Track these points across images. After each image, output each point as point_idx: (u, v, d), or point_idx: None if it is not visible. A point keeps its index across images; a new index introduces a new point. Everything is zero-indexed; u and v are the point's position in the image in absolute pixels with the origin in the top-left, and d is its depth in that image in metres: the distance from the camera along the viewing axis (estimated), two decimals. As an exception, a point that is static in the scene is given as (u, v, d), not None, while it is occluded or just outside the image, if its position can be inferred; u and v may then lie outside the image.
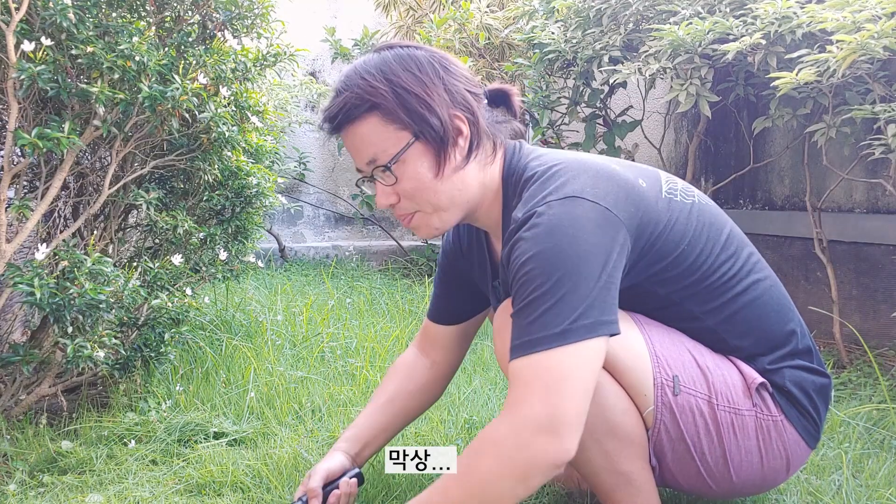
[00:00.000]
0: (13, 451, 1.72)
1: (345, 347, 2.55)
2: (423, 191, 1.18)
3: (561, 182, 1.12)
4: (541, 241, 1.07)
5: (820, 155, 2.45)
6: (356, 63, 1.20)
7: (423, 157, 1.16)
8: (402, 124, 1.14)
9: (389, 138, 1.15)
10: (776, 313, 1.26)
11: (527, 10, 3.14)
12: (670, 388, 1.18)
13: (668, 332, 1.23)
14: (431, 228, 1.23)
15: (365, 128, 1.16)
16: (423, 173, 1.16)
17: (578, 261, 1.05)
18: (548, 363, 1.03)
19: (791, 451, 1.25)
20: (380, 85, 1.14)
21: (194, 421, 1.86)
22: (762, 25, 2.15)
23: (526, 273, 1.07)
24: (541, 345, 1.04)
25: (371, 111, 1.15)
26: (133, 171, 1.95)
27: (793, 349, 1.26)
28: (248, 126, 2.11)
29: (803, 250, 2.91)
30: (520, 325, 1.07)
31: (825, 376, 1.29)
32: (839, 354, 2.44)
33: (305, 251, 4.84)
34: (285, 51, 2.16)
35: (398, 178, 1.17)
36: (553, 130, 3.09)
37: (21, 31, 1.56)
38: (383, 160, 1.16)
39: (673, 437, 1.19)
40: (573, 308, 1.04)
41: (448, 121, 1.16)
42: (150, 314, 2.00)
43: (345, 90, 1.17)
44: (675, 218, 1.19)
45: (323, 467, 1.37)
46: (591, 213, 1.08)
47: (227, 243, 2.24)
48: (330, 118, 1.18)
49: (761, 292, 1.24)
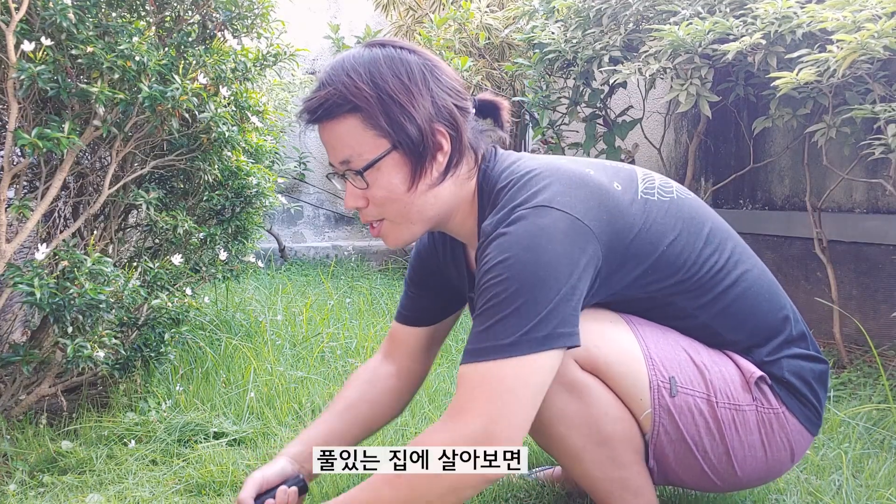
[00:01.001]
0: (13, 451, 1.72)
1: (345, 347, 2.55)
2: (393, 202, 1.15)
3: (533, 191, 1.10)
4: (505, 250, 1.06)
5: (820, 155, 2.45)
6: (345, 56, 1.15)
7: (398, 169, 1.13)
8: (382, 132, 1.11)
9: (367, 143, 1.12)
10: (767, 302, 1.25)
11: (527, 10, 3.13)
12: (667, 390, 1.17)
13: (662, 332, 1.22)
14: (399, 240, 1.20)
15: (343, 127, 1.12)
16: (395, 185, 1.13)
17: (540, 271, 1.03)
18: (493, 374, 1.02)
19: (794, 441, 1.25)
20: (365, 87, 1.10)
21: (194, 421, 1.86)
22: (762, 25, 2.15)
23: (488, 281, 1.06)
24: (489, 354, 1.03)
25: (352, 112, 1.11)
26: (133, 171, 1.95)
27: (788, 336, 1.25)
28: (248, 126, 2.11)
29: (803, 250, 2.91)
30: (475, 331, 1.06)
31: (822, 361, 1.28)
32: (839, 354, 2.44)
33: (305, 251, 4.84)
34: (285, 51, 2.16)
35: (369, 184, 1.14)
36: (553, 130, 3.09)
37: (21, 31, 1.56)
38: (357, 164, 1.13)
39: (673, 438, 1.18)
40: (527, 319, 1.02)
41: (430, 135, 1.12)
42: (150, 314, 2.00)
43: (328, 84, 1.12)
44: (653, 219, 1.17)
45: (258, 475, 1.28)
46: (560, 223, 1.07)
47: (227, 243, 2.24)
48: (309, 111, 1.14)
49: (751, 282, 1.23)
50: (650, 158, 3.65)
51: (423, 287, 1.44)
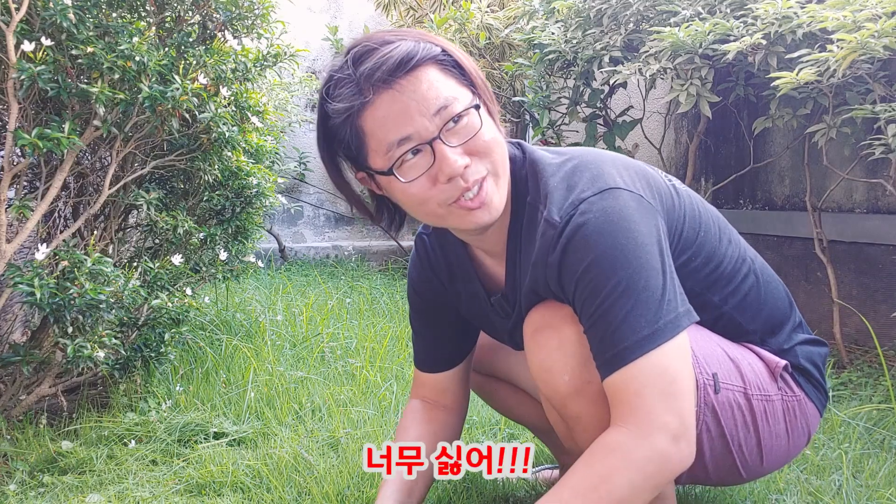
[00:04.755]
0: (13, 451, 1.72)
1: (345, 347, 2.55)
2: (499, 144, 1.06)
3: (589, 176, 1.06)
4: (594, 243, 1.00)
5: (820, 155, 2.45)
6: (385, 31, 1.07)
7: (485, 115, 1.05)
8: (462, 81, 1.04)
9: (456, 88, 1.03)
10: (776, 289, 1.25)
11: (527, 10, 3.14)
12: (712, 388, 1.14)
13: (696, 328, 1.17)
14: (501, 201, 1.07)
15: (432, 73, 1.01)
16: (493, 128, 1.06)
17: (641, 254, 1.00)
18: (652, 368, 0.98)
19: (811, 425, 1.25)
20: (433, 42, 1.03)
21: (194, 421, 1.86)
22: (762, 25, 2.15)
23: (590, 282, 1.00)
24: (636, 351, 0.98)
25: (438, 60, 1.02)
26: (133, 171, 1.95)
27: (794, 323, 1.26)
28: (249, 126, 2.11)
29: (803, 250, 2.91)
30: (602, 336, 1.00)
31: (824, 344, 1.30)
32: (839, 354, 2.44)
33: (305, 251, 4.84)
34: (285, 51, 2.16)
35: (483, 122, 1.03)
36: (553, 130, 3.09)
37: (21, 31, 1.56)
38: (465, 103, 1.02)
39: (714, 435, 1.15)
40: (654, 306, 0.99)
41: (486, 91, 1.08)
42: (150, 314, 2.00)
43: (398, 41, 1.02)
44: (685, 203, 1.15)
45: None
46: (633, 203, 1.03)
47: (228, 243, 2.24)
48: (400, 61, 0.99)
49: (759, 270, 1.24)
50: (650, 158, 3.65)
51: (435, 326, 1.34)
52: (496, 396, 1.52)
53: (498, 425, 1.85)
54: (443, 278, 1.29)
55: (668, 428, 0.97)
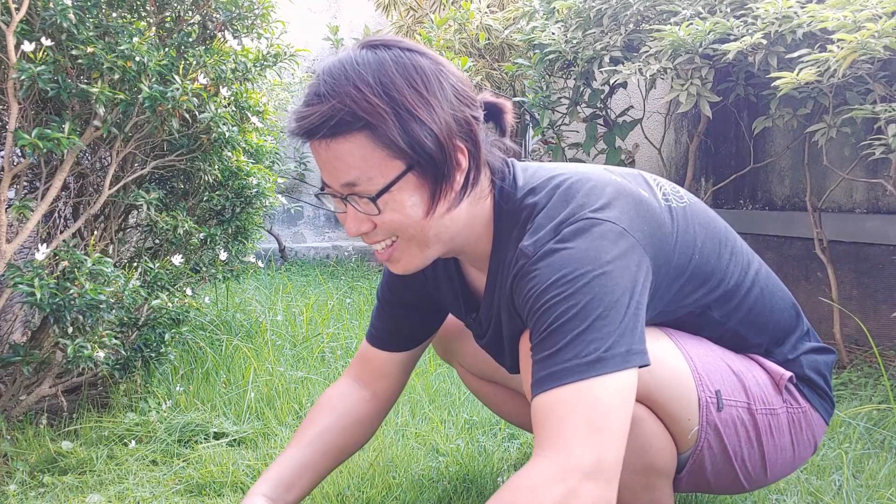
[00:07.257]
0: (13, 451, 1.72)
1: (345, 347, 2.55)
2: (407, 227, 1.00)
3: (575, 205, 1.01)
4: (561, 266, 0.95)
5: (820, 155, 2.45)
6: (346, 61, 0.97)
7: (414, 192, 0.98)
8: (396, 151, 0.95)
9: (378, 164, 0.95)
10: (781, 299, 1.23)
11: (527, 11, 3.14)
12: (714, 406, 1.12)
13: (699, 343, 1.17)
14: (411, 265, 1.06)
15: (348, 146, 0.95)
16: (410, 209, 0.99)
17: (608, 285, 0.94)
18: (586, 395, 0.90)
19: (817, 435, 1.24)
20: (379, 102, 0.93)
21: (194, 421, 1.86)
22: (763, 25, 2.15)
23: (548, 301, 0.95)
24: (574, 374, 0.91)
25: (361, 130, 0.94)
26: (133, 171, 1.95)
27: (801, 332, 1.24)
28: (249, 126, 2.11)
29: (803, 250, 2.91)
30: (545, 355, 0.94)
31: (830, 352, 1.27)
32: (839, 354, 2.44)
33: (305, 251, 4.84)
34: (285, 51, 2.16)
35: (381, 210, 0.98)
36: (553, 131, 3.09)
37: (21, 31, 1.56)
38: (366, 188, 0.97)
39: (716, 452, 1.14)
40: (606, 334, 0.92)
41: (450, 151, 0.98)
42: (150, 314, 2.00)
43: (331, 97, 0.94)
44: (679, 227, 1.10)
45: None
46: (611, 235, 0.98)
47: (228, 243, 2.24)
48: (309, 129, 0.96)
49: (764, 280, 1.21)
50: (650, 158, 3.66)
51: (404, 307, 1.30)
52: (494, 401, 1.54)
53: (498, 425, 1.86)
54: (428, 269, 1.26)
55: (582, 465, 0.88)
